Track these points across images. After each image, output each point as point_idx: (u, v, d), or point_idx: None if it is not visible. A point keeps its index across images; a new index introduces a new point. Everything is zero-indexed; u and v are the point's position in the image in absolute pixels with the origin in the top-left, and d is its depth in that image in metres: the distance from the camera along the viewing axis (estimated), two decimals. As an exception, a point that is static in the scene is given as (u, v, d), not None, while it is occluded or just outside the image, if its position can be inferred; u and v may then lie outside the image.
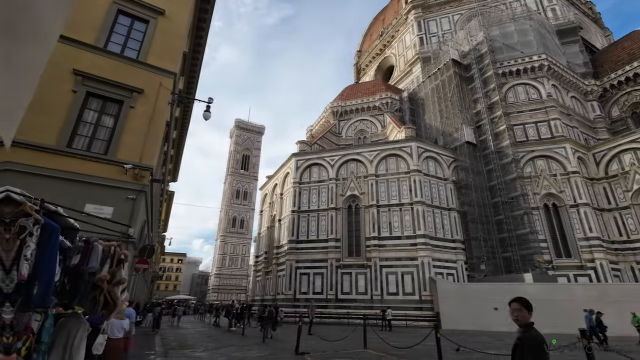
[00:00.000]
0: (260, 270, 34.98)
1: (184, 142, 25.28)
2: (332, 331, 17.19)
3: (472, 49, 31.34)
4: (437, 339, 6.57)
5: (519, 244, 24.45)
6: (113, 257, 3.25)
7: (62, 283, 2.97)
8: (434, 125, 32.50)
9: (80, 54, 9.57)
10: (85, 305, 3.15)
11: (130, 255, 9.29)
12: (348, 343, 11.55)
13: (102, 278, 3.04)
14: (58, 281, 2.88)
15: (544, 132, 28.23)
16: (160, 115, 10.29)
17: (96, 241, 3.27)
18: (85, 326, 3.21)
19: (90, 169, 8.82)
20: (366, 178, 27.62)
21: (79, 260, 3.09)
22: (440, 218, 26.03)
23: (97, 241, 3.29)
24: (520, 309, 2.73)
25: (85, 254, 3.15)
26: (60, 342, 3.00)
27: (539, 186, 26.23)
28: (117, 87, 9.73)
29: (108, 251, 3.28)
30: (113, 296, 3.13)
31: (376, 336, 11.93)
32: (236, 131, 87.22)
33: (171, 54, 11.16)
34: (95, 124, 9.38)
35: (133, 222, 8.99)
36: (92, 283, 3.07)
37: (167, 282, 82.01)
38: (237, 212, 79.91)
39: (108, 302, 3.15)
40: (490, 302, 19.58)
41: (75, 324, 3.14)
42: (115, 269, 3.18)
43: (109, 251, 3.28)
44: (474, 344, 10.21)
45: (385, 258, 24.77)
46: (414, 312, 22.30)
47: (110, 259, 3.24)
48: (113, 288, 3.12)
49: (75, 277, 3.03)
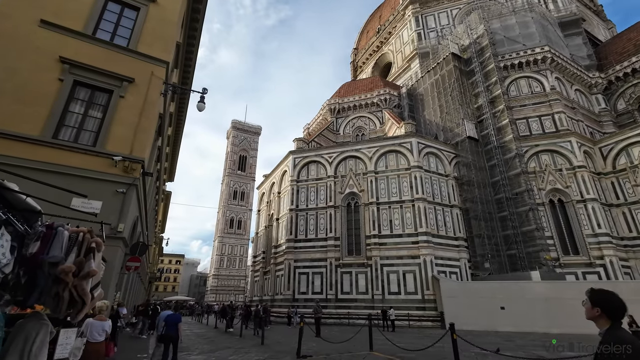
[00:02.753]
0: (259, 271, 34.40)
1: (180, 140, 24.68)
2: (334, 332, 16.68)
3: (473, 42, 30.89)
4: (453, 341, 6.05)
5: (525, 241, 23.95)
6: (81, 246, 2.72)
7: (16, 275, 2.44)
8: (434, 120, 32.03)
9: (67, 41, 9.04)
10: (46, 303, 2.62)
11: (120, 252, 8.76)
12: (352, 345, 11.01)
13: (66, 269, 2.51)
14: (10, 273, 2.35)
15: (548, 126, 27.78)
16: (152, 106, 9.75)
17: (61, 226, 2.74)
18: (48, 328, 2.68)
19: (78, 161, 8.27)
20: (365, 175, 27.10)
21: (38, 248, 2.57)
22: (442, 215, 25.54)
23: (63, 226, 2.76)
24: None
25: (47, 241, 2.62)
26: (15, 348, 2.47)
27: (544, 181, 25.76)
28: (106, 75, 9.20)
29: (75, 238, 2.75)
30: (80, 292, 2.60)
31: (381, 337, 11.42)
32: (233, 132, 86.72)
33: (163, 43, 10.62)
34: (83, 114, 8.83)
35: (123, 217, 8.46)
36: (54, 276, 2.54)
37: (165, 284, 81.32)
38: (234, 213, 79.34)
39: (74, 299, 2.62)
40: (496, 301, 19.12)
41: (34, 326, 2.62)
42: (82, 259, 2.65)
43: (76, 238, 2.74)
44: (486, 346, 9.68)
45: (386, 257, 24.26)
46: (417, 312, 21.78)
47: (78, 247, 2.71)
48: (80, 282, 2.60)
49: (33, 268, 2.50)
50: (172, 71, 12.66)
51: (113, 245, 8.17)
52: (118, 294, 10.50)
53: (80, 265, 2.63)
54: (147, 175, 9.42)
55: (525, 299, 18.86)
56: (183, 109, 20.35)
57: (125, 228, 8.60)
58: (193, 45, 15.95)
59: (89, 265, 2.65)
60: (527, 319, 18.23)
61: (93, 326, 4.37)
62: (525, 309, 18.55)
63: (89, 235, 2.81)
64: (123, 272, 9.74)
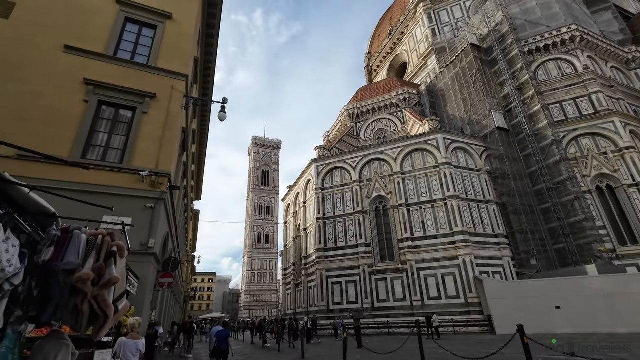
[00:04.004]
0: (290, 283, 33.87)
1: (204, 158, 25.08)
2: (374, 342, 15.70)
3: (492, 31, 29.60)
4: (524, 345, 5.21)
5: (574, 233, 21.94)
6: (100, 250, 2.34)
7: (27, 287, 2.08)
8: (458, 115, 30.71)
9: (89, 63, 9.22)
10: (64, 319, 2.24)
11: (152, 268, 8.57)
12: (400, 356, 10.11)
13: (84, 277, 2.12)
14: (21, 284, 1.99)
15: (585, 107, 25.75)
16: (175, 119, 9.71)
17: (78, 229, 2.38)
18: (69, 349, 2.30)
19: (106, 179, 8.27)
20: (392, 177, 26.18)
21: (52, 254, 2.20)
22: (478, 212, 24.04)
23: (80, 229, 2.40)
24: None
25: (61, 246, 2.26)
26: (32, 373, 2.09)
27: (588, 167, 23.71)
28: (129, 93, 9.27)
29: (94, 242, 2.37)
30: (102, 303, 2.20)
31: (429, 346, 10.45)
32: (254, 148, 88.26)
33: (181, 57, 10.68)
34: (109, 132, 8.89)
35: (153, 232, 8.30)
36: (70, 286, 2.16)
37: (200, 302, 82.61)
38: (261, 228, 79.92)
39: (95, 312, 2.21)
40: (551, 301, 17.44)
41: (54, 346, 2.24)
42: (102, 265, 2.26)
43: (94, 242, 2.37)
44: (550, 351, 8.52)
45: (422, 260, 23.01)
46: (461, 317, 20.33)
47: (97, 252, 2.33)
48: (101, 292, 2.20)
49: (46, 278, 2.13)
50: (191, 87, 12.75)
51: (144, 262, 7.99)
52: (154, 312, 10.33)
53: (100, 272, 2.24)
54: (175, 189, 9.29)
55: (583, 296, 17.07)
56: (205, 126, 20.64)
57: (156, 244, 8.43)
58: (210, 61, 16.16)
59: (110, 272, 2.26)
60: (587, 319, 16.46)
61: (126, 346, 4.02)
62: (584, 307, 16.78)
63: (109, 238, 2.42)
64: (157, 289, 9.56)
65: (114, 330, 5.89)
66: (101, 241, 2.39)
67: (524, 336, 5.32)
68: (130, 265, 6.84)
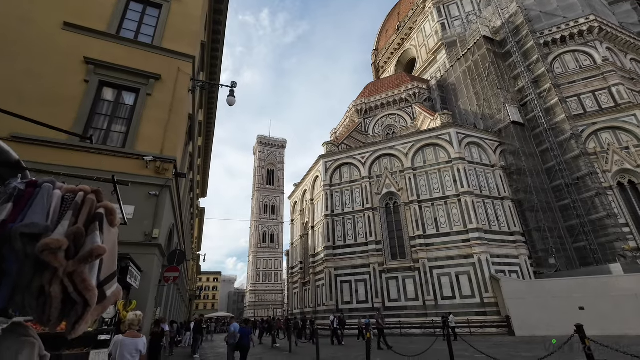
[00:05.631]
0: (297, 282, 33.17)
1: (210, 152, 24.52)
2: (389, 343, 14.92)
3: (505, 22, 28.63)
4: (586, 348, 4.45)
5: (595, 231, 20.95)
6: (80, 211, 1.66)
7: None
8: (471, 109, 29.78)
9: (90, 42, 8.62)
10: (27, 306, 1.57)
11: (157, 260, 7.92)
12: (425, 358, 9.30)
13: (52, 245, 1.44)
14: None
15: (605, 100, 24.71)
16: (181, 103, 9.07)
17: (50, 182, 1.70)
18: (34, 349, 1.62)
19: (108, 164, 7.63)
20: (402, 173, 25.36)
21: (9, 213, 1.53)
22: (493, 209, 23.12)
23: (54, 183, 1.72)
24: None
25: (24, 204, 1.58)
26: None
27: (609, 162, 22.68)
28: (132, 73, 8.65)
29: (71, 200, 1.69)
30: (80, 285, 1.52)
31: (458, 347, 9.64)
32: (259, 147, 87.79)
33: (188, 38, 10.04)
34: (111, 115, 8.27)
35: (158, 222, 7.66)
36: (34, 258, 1.47)
37: (205, 302, 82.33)
38: (266, 227, 79.40)
39: (71, 298, 1.54)
40: (573, 301, 16.52)
41: (10, 346, 1.56)
42: (80, 229, 1.57)
43: (72, 200, 1.69)
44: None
45: (435, 258, 22.17)
46: (477, 318, 19.47)
47: (75, 212, 1.64)
48: (78, 268, 1.52)
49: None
50: (198, 73, 12.13)
51: (148, 254, 7.35)
52: (158, 309, 9.70)
53: (78, 240, 1.55)
54: (181, 176, 8.65)
55: (609, 296, 16.13)
56: (212, 119, 20.06)
57: (161, 235, 7.79)
58: (217, 49, 15.54)
59: (93, 240, 1.57)
60: (614, 320, 15.50)
61: (124, 345, 3.34)
62: (611, 308, 15.85)
63: (93, 196, 1.74)
64: (162, 284, 8.92)
65: (113, 327, 5.23)
66: (82, 199, 1.70)
67: (585, 337, 4.55)
68: (133, 257, 6.20)
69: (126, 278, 5.33)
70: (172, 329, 15.10)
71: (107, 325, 4.98)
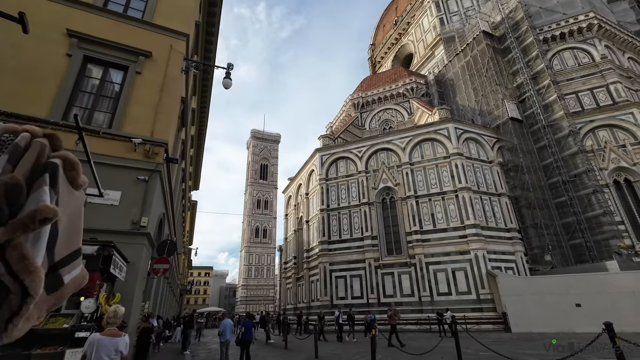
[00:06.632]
0: (291, 277, 32.75)
1: (203, 143, 23.76)
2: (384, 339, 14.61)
3: (505, 18, 28.36)
4: (616, 348, 4.08)
5: (591, 229, 20.96)
6: (21, 156, 1.13)
7: None
8: (468, 105, 29.54)
9: (74, 13, 7.92)
10: None
11: (145, 251, 7.34)
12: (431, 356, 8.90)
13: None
14: None
15: (603, 98, 24.69)
16: (173, 83, 8.45)
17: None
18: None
19: (92, 145, 6.92)
20: (400, 167, 25.03)
21: None
22: (490, 205, 22.97)
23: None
24: None
25: None
26: None
27: (606, 160, 22.69)
28: (120, 49, 7.99)
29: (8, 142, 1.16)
30: (15, 264, 0.99)
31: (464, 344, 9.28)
32: (253, 141, 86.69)
33: (181, 15, 9.40)
34: (96, 93, 7.63)
35: (147, 209, 7.07)
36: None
37: (196, 296, 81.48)
38: (259, 222, 78.63)
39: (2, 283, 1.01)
40: (570, 298, 16.47)
41: None
42: (18, 181, 1.04)
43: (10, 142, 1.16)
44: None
45: (431, 254, 21.96)
46: (473, 314, 19.33)
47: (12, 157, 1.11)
48: (13, 236, 0.98)
49: None
50: (192, 56, 11.47)
51: (136, 243, 6.77)
52: (147, 303, 9.13)
53: (13, 196, 1.03)
54: (172, 161, 8.06)
55: (606, 293, 16.09)
56: (205, 108, 19.33)
57: (150, 224, 7.21)
58: (212, 34, 14.82)
59: (37, 198, 1.05)
60: (611, 317, 15.19)
61: (100, 345, 2.78)
62: (607, 305, 15.80)
63: (45, 141, 1.21)
64: (151, 277, 8.35)
65: (94, 324, 4.67)
66: (27, 142, 1.18)
67: (615, 336, 4.18)
68: (119, 245, 5.63)
69: (109, 268, 4.77)
70: (158, 324, 14.55)
71: (86, 321, 4.42)
